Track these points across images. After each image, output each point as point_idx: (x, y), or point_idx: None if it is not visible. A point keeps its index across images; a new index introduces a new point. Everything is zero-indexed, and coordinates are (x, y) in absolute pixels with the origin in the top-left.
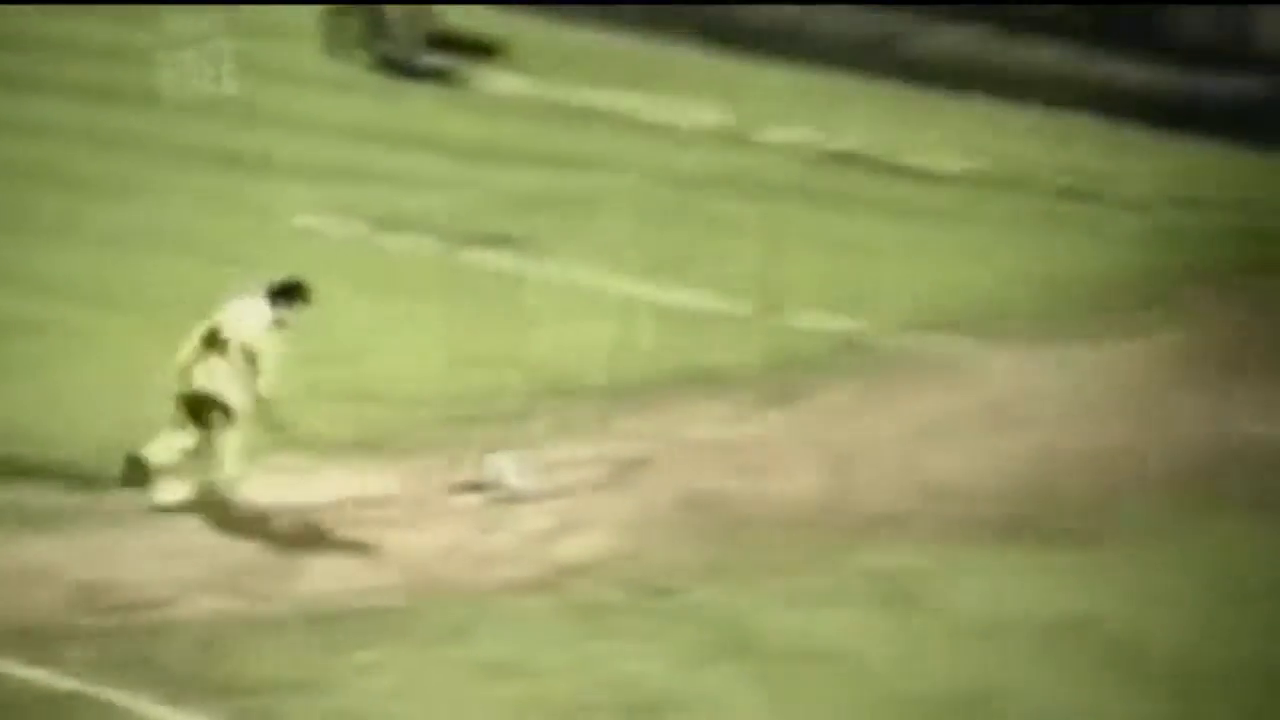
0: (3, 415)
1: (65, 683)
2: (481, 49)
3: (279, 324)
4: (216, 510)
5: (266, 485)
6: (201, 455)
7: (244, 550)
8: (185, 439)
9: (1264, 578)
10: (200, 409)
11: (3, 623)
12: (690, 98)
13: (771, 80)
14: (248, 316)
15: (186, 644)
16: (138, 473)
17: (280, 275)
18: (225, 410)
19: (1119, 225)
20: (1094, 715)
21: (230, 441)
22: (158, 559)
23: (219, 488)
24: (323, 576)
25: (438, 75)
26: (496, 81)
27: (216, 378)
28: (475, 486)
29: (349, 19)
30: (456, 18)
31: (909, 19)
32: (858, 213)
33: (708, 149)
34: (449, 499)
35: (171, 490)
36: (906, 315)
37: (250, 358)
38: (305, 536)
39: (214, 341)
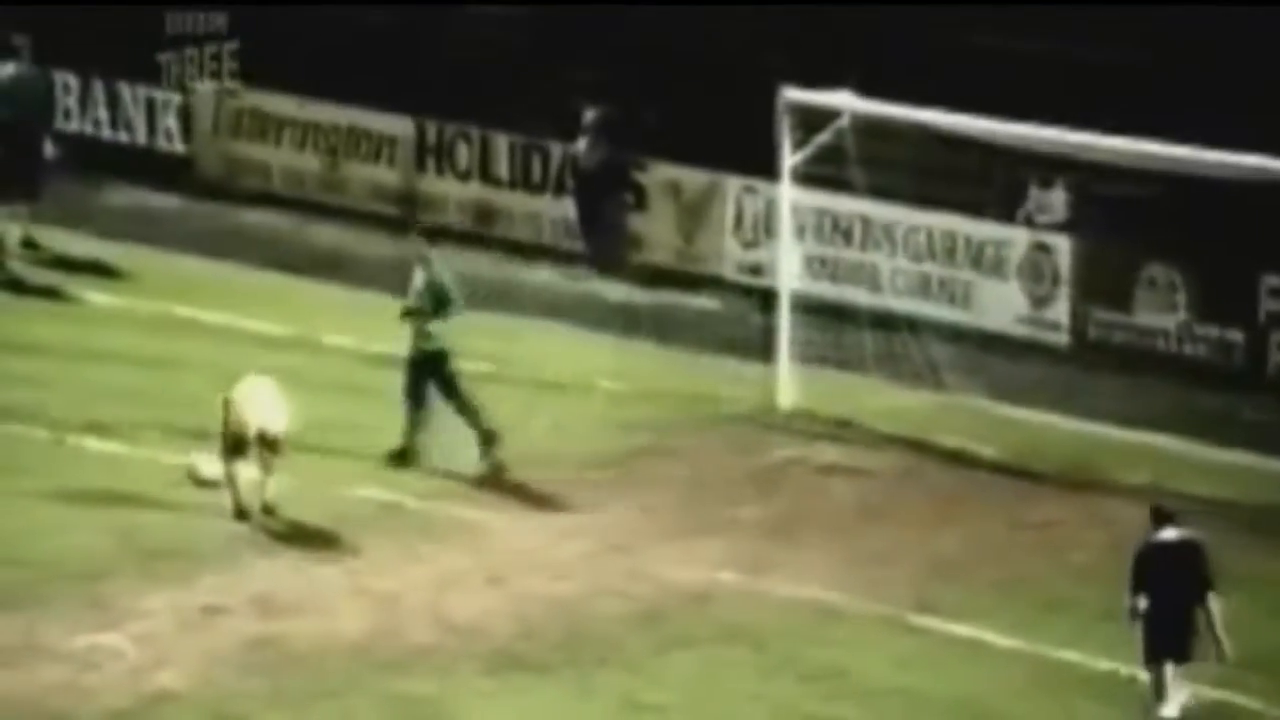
0: None
1: None
2: (88, 269)
3: None
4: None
5: None
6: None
7: None
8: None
9: (742, 690)
10: (241, 444)
11: None
12: (258, 311)
13: (322, 296)
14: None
15: None
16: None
17: None
18: (274, 442)
19: (593, 413)
20: None
21: (275, 468)
22: None
23: (273, 503)
24: None
25: (49, 292)
26: (98, 297)
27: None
28: None
29: None
30: (73, 246)
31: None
32: (396, 406)
33: (276, 351)
34: (65, 644)
35: (210, 466)
36: (433, 487)
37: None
38: None
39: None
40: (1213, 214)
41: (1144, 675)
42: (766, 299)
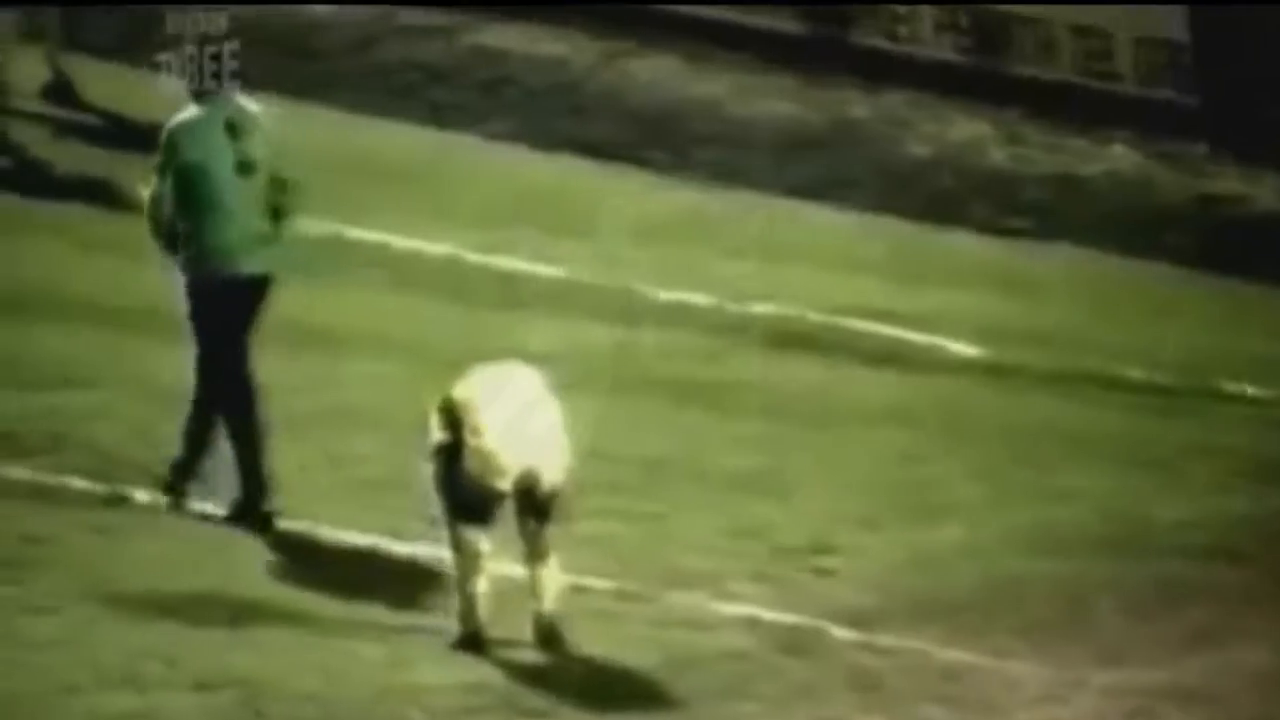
0: None
1: None
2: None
3: None
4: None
5: None
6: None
7: None
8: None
9: None
10: (487, 498)
11: None
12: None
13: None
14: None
15: None
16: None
17: None
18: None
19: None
20: None
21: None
22: None
23: (552, 622)
24: None
25: (84, 189)
26: None
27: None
28: None
29: None
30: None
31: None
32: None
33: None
34: None
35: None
36: (872, 600)
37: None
38: None
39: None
40: None
41: None
42: None
